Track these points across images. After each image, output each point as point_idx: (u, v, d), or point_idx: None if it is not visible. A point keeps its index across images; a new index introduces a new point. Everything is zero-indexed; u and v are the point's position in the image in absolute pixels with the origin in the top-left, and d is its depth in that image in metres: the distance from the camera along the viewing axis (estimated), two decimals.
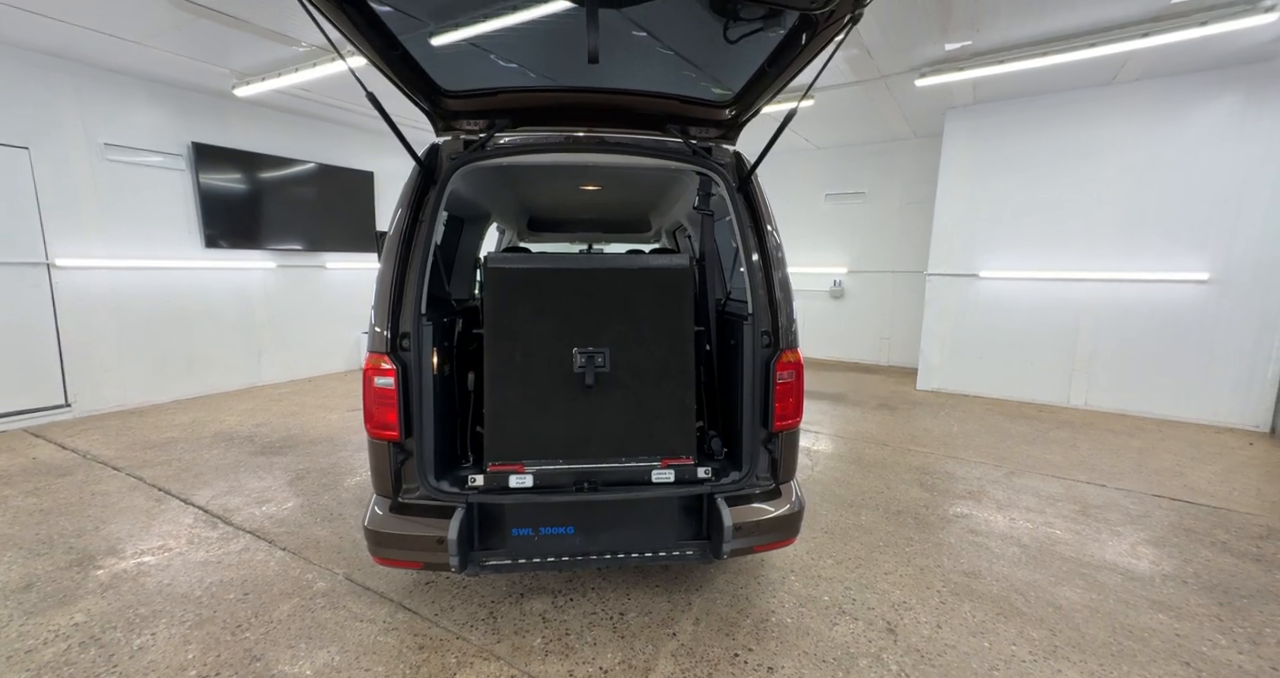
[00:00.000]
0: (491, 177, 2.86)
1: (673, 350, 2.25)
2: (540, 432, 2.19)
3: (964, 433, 4.85)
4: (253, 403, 5.62)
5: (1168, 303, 5.23)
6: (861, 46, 4.39)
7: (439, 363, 2.26)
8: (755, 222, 2.28)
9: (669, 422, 2.25)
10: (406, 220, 2.10)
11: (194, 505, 3.28)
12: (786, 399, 2.22)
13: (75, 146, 4.84)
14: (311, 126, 6.56)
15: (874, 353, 8.15)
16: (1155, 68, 4.82)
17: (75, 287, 4.92)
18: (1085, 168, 5.52)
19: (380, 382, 2.03)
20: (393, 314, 2.06)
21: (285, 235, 6.32)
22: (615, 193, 3.60)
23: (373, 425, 2.06)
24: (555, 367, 2.19)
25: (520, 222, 4.44)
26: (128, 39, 4.25)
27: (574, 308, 2.21)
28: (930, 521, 3.18)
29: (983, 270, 6.12)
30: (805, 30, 1.73)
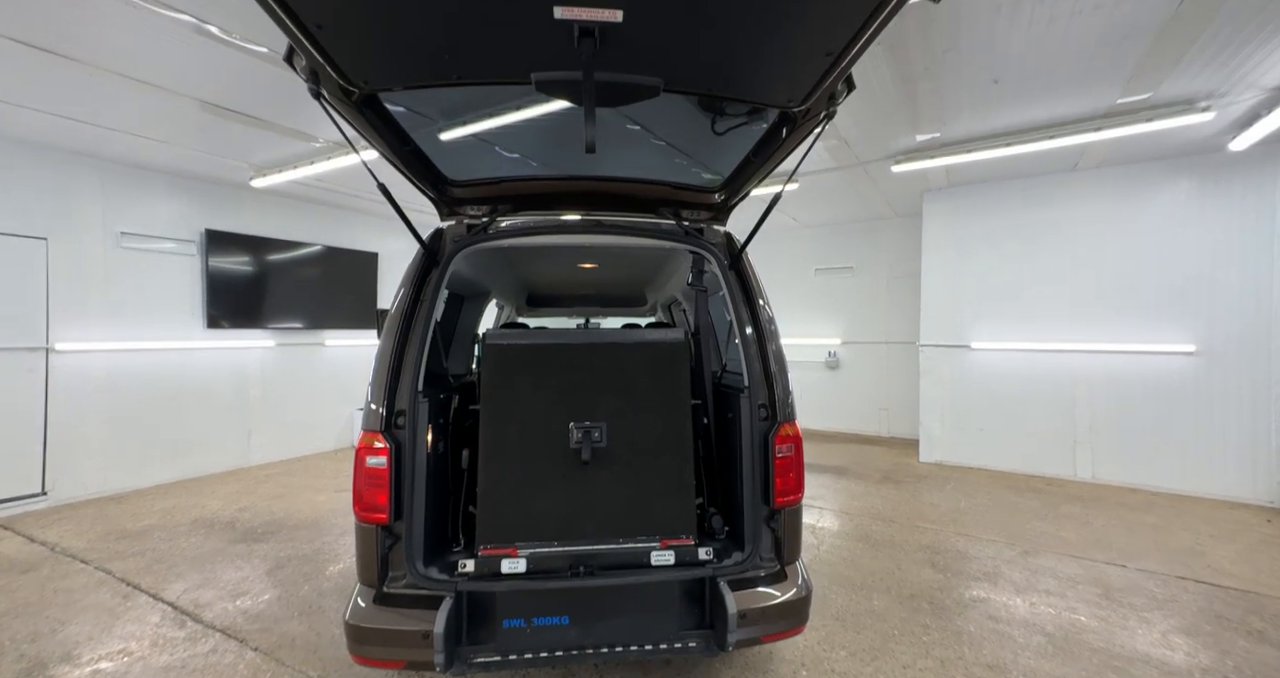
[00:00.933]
0: (492, 257, 2.97)
1: (670, 424, 2.23)
2: (535, 511, 2.12)
3: (972, 508, 4.69)
4: (238, 485, 5.44)
5: (1159, 374, 5.26)
6: (839, 137, 4.74)
7: (433, 441, 2.23)
8: (747, 296, 2.35)
9: (668, 499, 2.18)
10: (408, 300, 2.16)
11: (163, 601, 3.07)
12: (787, 474, 2.17)
13: (92, 236, 5.03)
14: (320, 211, 6.88)
15: (873, 424, 8.06)
16: (1113, 156, 5.20)
17: (71, 370, 4.92)
18: (1060, 245, 5.78)
19: (372, 461, 1.99)
20: (389, 391, 2.06)
21: (286, 314, 6.43)
22: (612, 270, 3.72)
23: (361, 508, 1.99)
24: (551, 442, 2.16)
25: (519, 298, 4.55)
26: (155, 139, 4.56)
27: (571, 382, 2.22)
28: (946, 605, 3.00)
29: (974, 341, 6.22)
30: (785, 125, 1.89)
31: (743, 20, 1.32)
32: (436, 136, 2.13)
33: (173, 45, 3.10)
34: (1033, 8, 2.85)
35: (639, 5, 1.25)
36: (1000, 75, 3.58)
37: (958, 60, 3.40)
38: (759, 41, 1.41)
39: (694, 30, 1.37)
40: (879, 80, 3.67)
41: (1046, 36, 3.11)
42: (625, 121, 2.11)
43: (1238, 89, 3.71)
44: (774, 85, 1.63)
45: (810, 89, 1.62)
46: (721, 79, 1.61)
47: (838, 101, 1.73)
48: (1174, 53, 3.26)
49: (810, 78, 1.57)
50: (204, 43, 3.06)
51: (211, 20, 2.86)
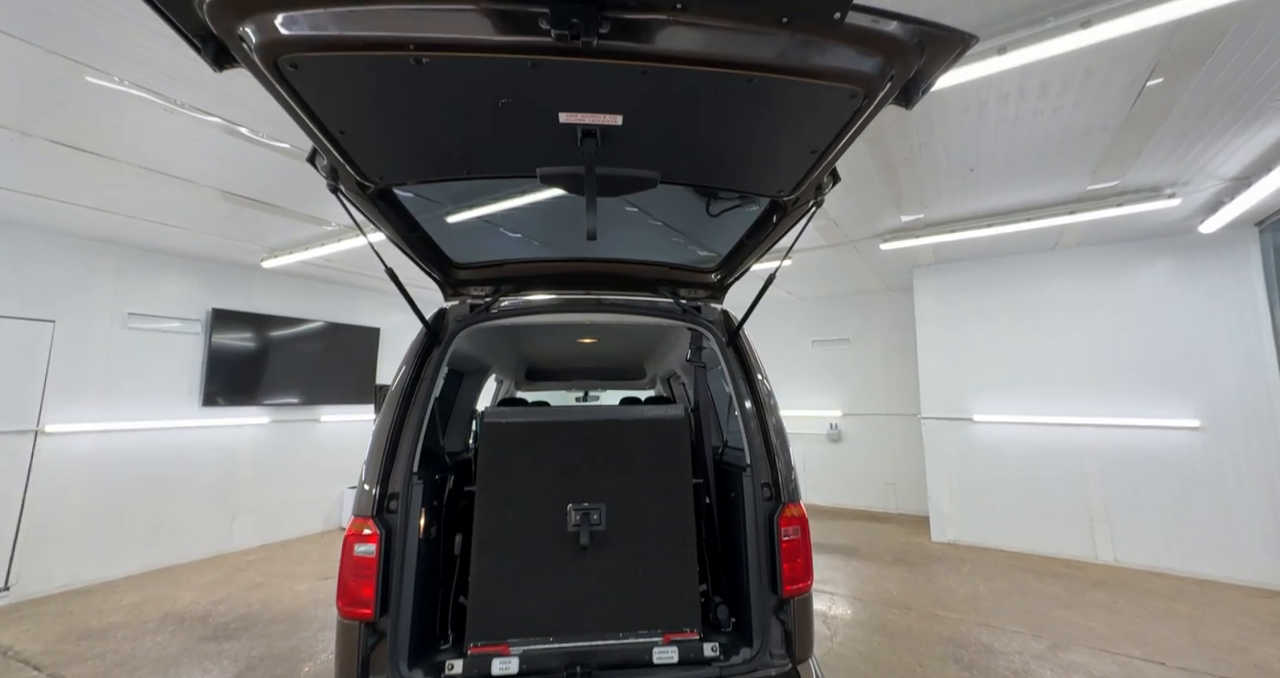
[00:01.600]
0: (493, 334, 3.01)
1: (671, 504, 2.16)
2: (530, 603, 1.99)
3: (992, 594, 4.43)
4: (216, 574, 5.14)
5: (1168, 450, 5.17)
6: (829, 218, 4.98)
7: (425, 525, 2.14)
8: (746, 372, 2.36)
9: (670, 588, 2.06)
10: (408, 378, 2.16)
11: None
12: (794, 559, 2.07)
13: (101, 317, 5.12)
14: (324, 288, 7.04)
15: (880, 499, 7.79)
16: (1090, 237, 5.44)
17: (57, 453, 4.80)
18: (1051, 320, 5.89)
19: (361, 550, 1.90)
20: (384, 473, 2.01)
21: (284, 390, 6.39)
22: (611, 345, 3.76)
23: (346, 602, 1.87)
24: (548, 526, 2.08)
25: (518, 373, 4.56)
26: (174, 225, 4.77)
27: (569, 461, 2.17)
28: None
29: (976, 414, 6.17)
30: (775, 212, 1.99)
31: (733, 123, 1.44)
32: (443, 219, 2.24)
33: (202, 143, 3.33)
34: (998, 108, 3.10)
35: (637, 110, 1.37)
36: (974, 164, 3.84)
37: (933, 152, 3.65)
38: (749, 141, 1.53)
39: (688, 131, 1.48)
40: (862, 168, 3.91)
41: (1014, 132, 3.36)
42: (624, 204, 2.22)
43: (1198, 178, 3.96)
44: (764, 178, 1.74)
45: (798, 182, 1.73)
46: (714, 172, 1.73)
47: (824, 192, 1.84)
48: (1134, 147, 3.51)
49: (797, 172, 1.68)
50: (230, 140, 3.29)
51: (242, 122, 3.09)
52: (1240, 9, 2.30)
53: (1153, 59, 2.65)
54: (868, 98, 1.30)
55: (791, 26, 1.13)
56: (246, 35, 1.10)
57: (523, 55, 1.17)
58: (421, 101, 1.33)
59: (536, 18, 1.08)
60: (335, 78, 1.23)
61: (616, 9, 1.08)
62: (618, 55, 1.18)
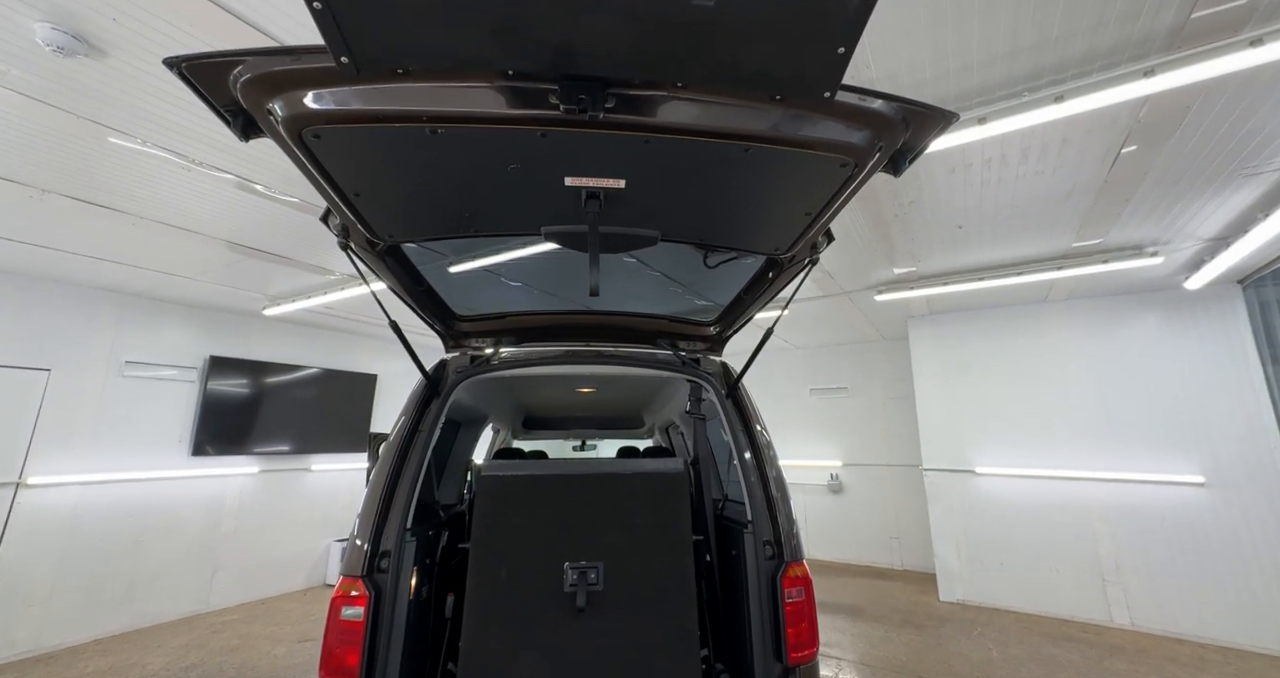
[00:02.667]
0: (493, 385, 3.01)
1: (672, 563, 2.10)
2: (522, 672, 1.90)
3: (1006, 662, 4.22)
4: (190, 636, 4.87)
5: (1176, 507, 5.05)
6: (824, 270, 5.10)
7: (417, 585, 2.07)
8: (745, 424, 2.35)
9: (670, 654, 1.97)
10: (406, 429, 2.14)
11: None
12: (799, 623, 2.00)
13: (97, 366, 5.09)
14: (322, 335, 7.05)
15: (885, 555, 7.55)
16: (1079, 290, 5.56)
17: (36, 507, 4.64)
18: (1047, 371, 5.92)
19: (348, 613, 1.82)
20: (377, 528, 1.96)
21: (275, 438, 6.29)
22: (610, 394, 3.75)
23: (328, 672, 1.78)
24: (544, 586, 2.01)
25: (516, 422, 4.52)
26: (180, 276, 4.84)
27: (567, 517, 2.13)
28: None
29: (978, 466, 6.08)
30: (772, 269, 2.05)
31: (731, 188, 1.51)
32: (446, 271, 2.28)
33: (215, 197, 3.44)
34: (981, 171, 3.25)
35: (639, 175, 1.44)
36: (962, 221, 3.97)
37: (922, 210, 3.79)
38: (746, 205, 1.60)
39: (688, 194, 1.55)
40: (855, 224, 4.05)
41: (998, 193, 3.51)
42: (624, 256, 2.28)
43: (1178, 238, 4.11)
44: (761, 237, 1.80)
45: (793, 241, 1.79)
46: (713, 232, 1.79)
47: (819, 250, 1.90)
48: (1114, 208, 3.66)
49: (793, 232, 1.74)
50: (243, 195, 3.40)
51: (255, 179, 3.21)
52: (1201, 87, 2.46)
53: (1125, 129, 2.81)
54: (858, 166, 1.37)
55: (785, 103, 1.21)
56: (275, 110, 1.17)
57: (533, 126, 1.24)
58: (434, 167, 1.40)
59: (547, 94, 1.16)
60: (354, 146, 1.29)
61: (621, 86, 1.16)
62: (622, 127, 1.25)
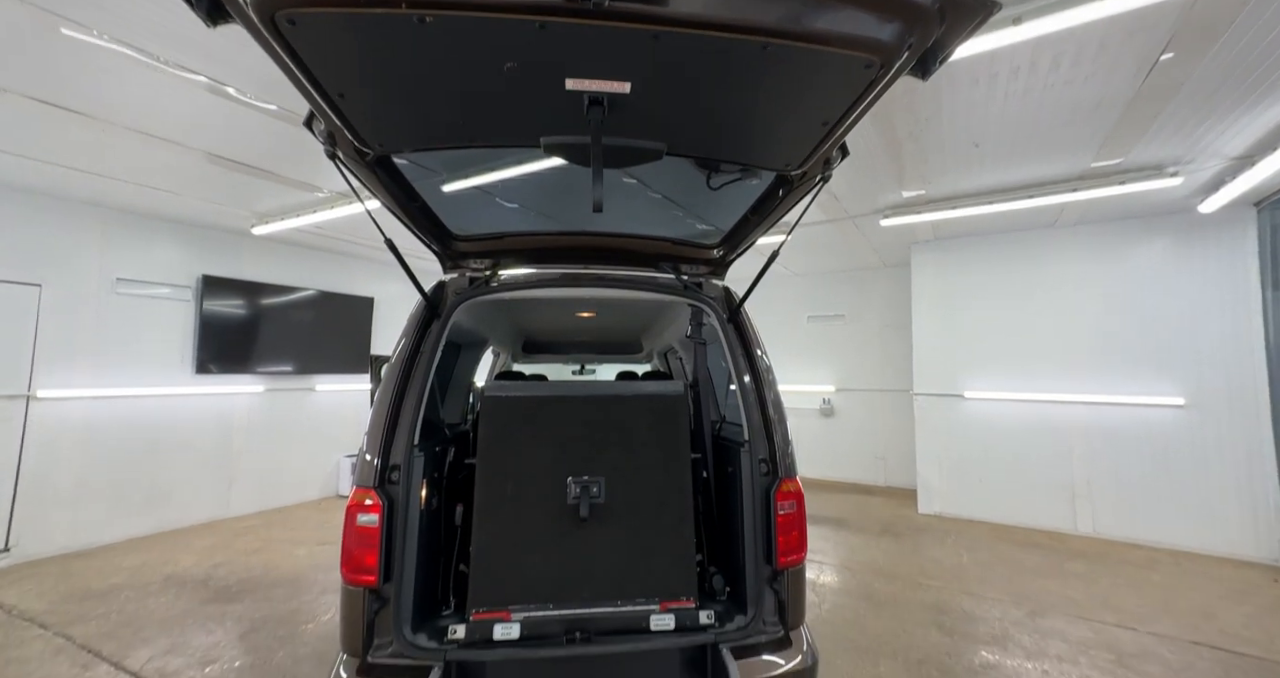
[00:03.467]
0: (492, 308, 2.99)
1: (670, 479, 2.20)
2: (530, 572, 2.04)
3: (975, 565, 4.57)
4: (214, 539, 5.20)
5: (1152, 427, 5.28)
6: (830, 193, 4.92)
7: (426, 496, 2.17)
8: (746, 349, 2.36)
9: (668, 558, 2.11)
10: (408, 351, 2.15)
11: (126, 671, 2.87)
12: (790, 532, 2.12)
13: (88, 282, 5.02)
14: (317, 256, 6.93)
15: (870, 473, 7.96)
16: (1089, 215, 5.42)
17: (50, 418, 4.78)
18: (1047, 298, 5.92)
19: (364, 519, 1.92)
20: (385, 445, 2.02)
21: (277, 359, 6.36)
22: (610, 319, 3.75)
23: (349, 569, 1.90)
24: (548, 498, 2.11)
25: (516, 346, 4.55)
26: (161, 189, 4.64)
27: (569, 436, 2.19)
28: (956, 672, 2.87)
29: (967, 391, 6.25)
30: (781, 187, 1.96)
31: (744, 93, 1.40)
32: (440, 188, 2.19)
33: (186, 103, 3.21)
34: (1008, 82, 3.04)
35: (645, 78, 1.32)
36: (979, 140, 3.78)
37: (939, 126, 3.59)
38: (759, 112, 1.49)
39: (697, 101, 1.44)
40: (866, 143, 3.85)
41: (1023, 106, 3.30)
42: (623, 176, 2.18)
43: (1202, 157, 3.93)
44: (772, 151, 1.71)
45: (807, 155, 1.70)
46: (722, 145, 1.69)
47: (832, 166, 1.81)
48: (1141, 124, 3.47)
49: (807, 145, 1.64)
50: (216, 100, 3.18)
51: (228, 82, 2.97)
52: None
53: (1168, 32, 2.59)
54: (884, 67, 1.26)
55: None
56: None
57: (530, 16, 1.12)
58: (424, 64, 1.28)
59: None
60: (335, 36, 1.17)
61: None
62: (628, 18, 1.13)
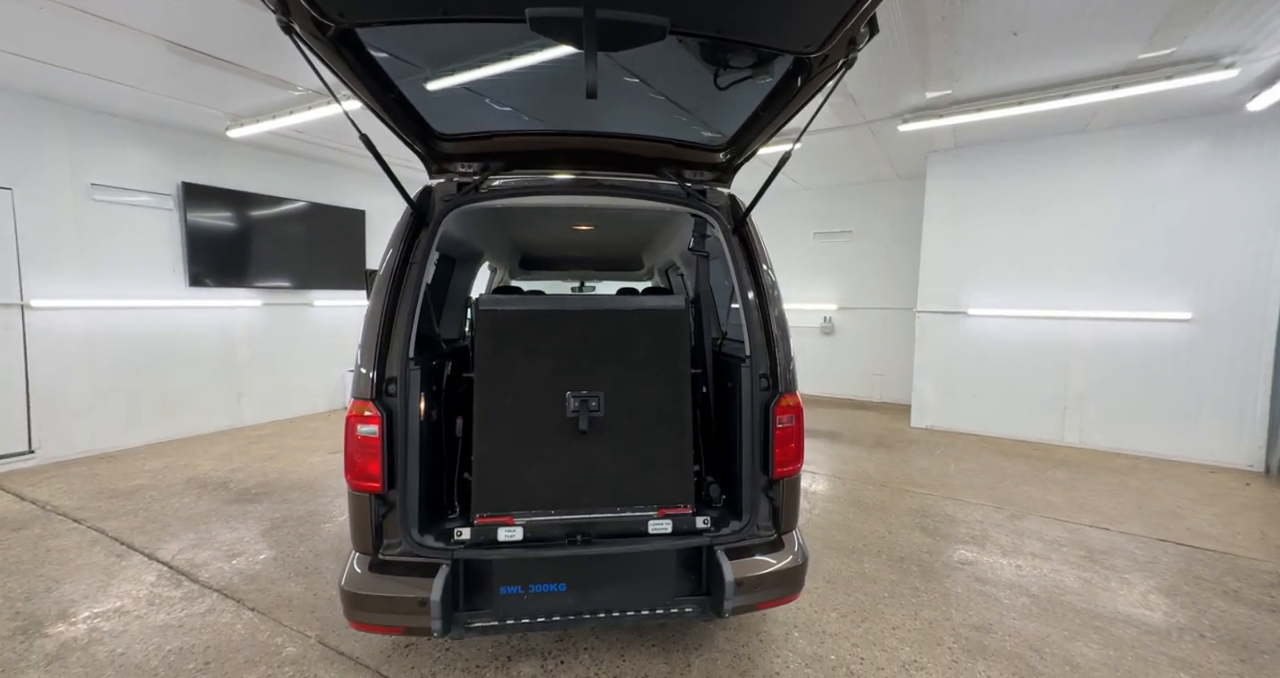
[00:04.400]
0: (485, 218, 2.84)
1: (669, 393, 2.19)
2: (531, 480, 2.09)
3: (961, 473, 4.77)
4: (230, 446, 5.41)
5: (1153, 342, 5.27)
6: (846, 94, 4.54)
7: (426, 408, 2.17)
8: (751, 262, 2.26)
9: (666, 468, 2.16)
10: (397, 261, 2.06)
11: (158, 561, 3.07)
12: (787, 444, 2.15)
13: (61, 187, 4.79)
14: (304, 166, 6.59)
15: (866, 389, 8.12)
16: (1125, 117, 5.03)
17: (49, 328, 4.77)
18: (1065, 210, 5.67)
19: (364, 430, 1.94)
20: (379, 358, 1.99)
21: (272, 273, 6.25)
22: (609, 232, 3.60)
23: (354, 477, 1.95)
24: (548, 411, 2.11)
25: (512, 260, 4.43)
26: (122, 83, 4.27)
27: (568, 350, 2.16)
28: (935, 568, 3.06)
29: (971, 308, 6.19)
30: (800, 74, 1.75)
31: None
32: (423, 86, 1.98)
33: None
34: None
35: None
36: (1020, 27, 3.39)
37: (976, 9, 3.20)
38: None
39: None
40: (892, 33, 3.47)
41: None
42: (623, 73, 1.96)
43: (1265, 44, 3.55)
44: (791, 28, 1.50)
45: (830, 32, 1.49)
46: (734, 21, 1.48)
47: (859, 47, 1.60)
48: (1203, 7, 3.08)
49: (831, 19, 1.44)
50: None
51: None
52: None
53: None
54: None
55: None
56: None
57: None
58: None
59: None
60: None
61: None
62: None
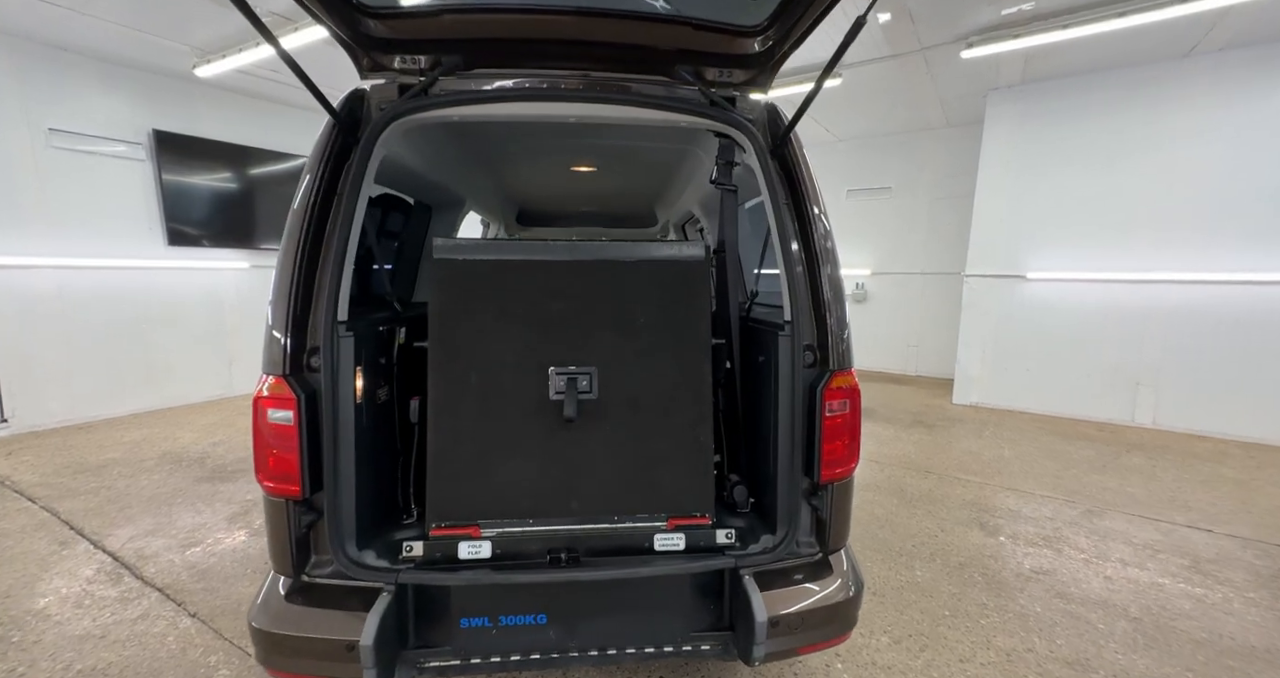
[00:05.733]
0: (449, 144, 2.28)
1: (684, 370, 1.67)
2: (503, 481, 1.61)
3: (1019, 458, 4.19)
4: (217, 416, 5.09)
5: (1248, 308, 4.53)
6: (903, 8, 3.79)
7: (366, 386, 1.68)
8: (795, 198, 1.68)
9: (678, 466, 1.66)
10: (316, 192, 1.53)
11: (104, 551, 2.72)
12: (839, 438, 1.62)
13: (14, 131, 4.33)
14: (288, 115, 6.04)
15: (900, 362, 7.49)
16: (1245, 35, 4.17)
17: (16, 288, 4.41)
18: (1152, 156, 4.86)
19: (276, 416, 1.46)
20: (294, 321, 1.49)
21: (260, 233, 5.80)
22: (614, 176, 3.03)
23: (266, 477, 1.48)
24: (525, 393, 1.61)
25: (506, 213, 3.88)
26: (56, 4, 3.73)
27: (552, 313, 1.64)
28: (1004, 578, 2.54)
29: (1030, 271, 5.47)
30: None
31: None
32: None
33: None
34: None
35: None
36: None
37: None
38: None
39: None
40: None
41: None
42: None
43: None
44: None
45: None
46: None
47: None
48: None
49: None
50: None
51: None
52: None
53: None
54: None
55: None
56: None
57: None
58: None
59: None
60: None
61: None
62: None
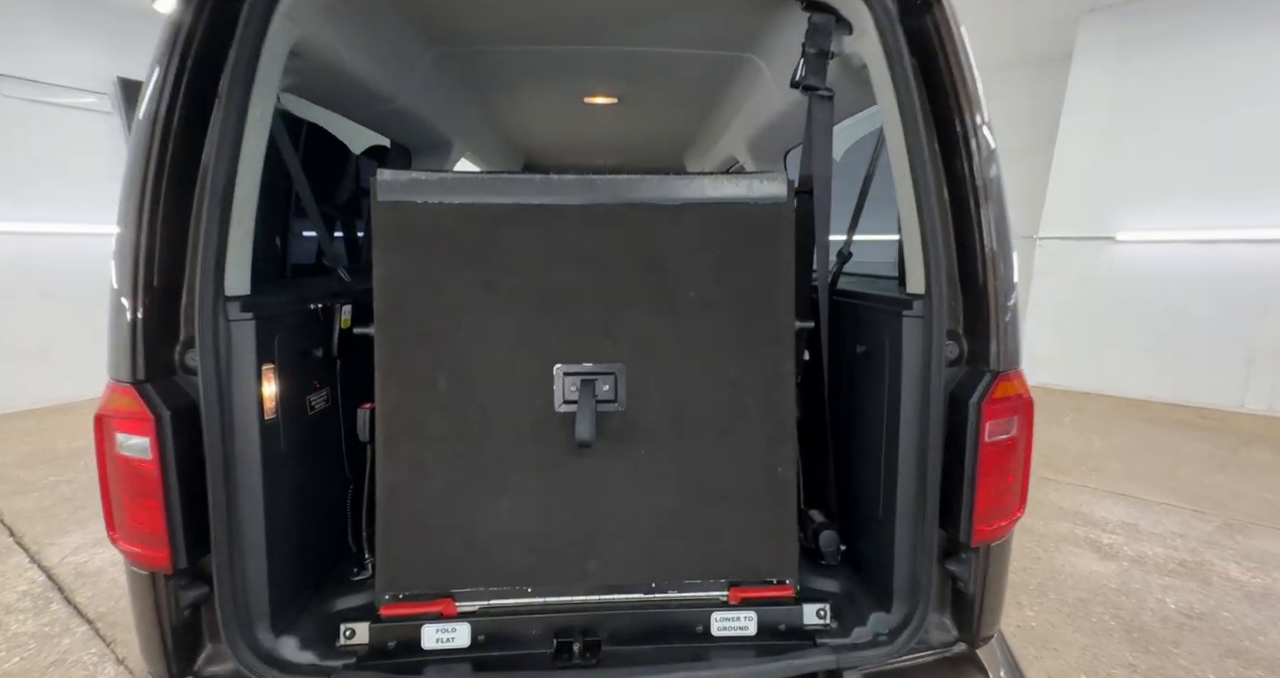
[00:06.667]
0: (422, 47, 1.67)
1: (755, 368, 1.11)
2: (487, 534, 1.09)
3: (1114, 452, 3.57)
4: None
5: None
6: None
7: (288, 392, 1.14)
8: (939, 99, 1.04)
9: (744, 511, 1.12)
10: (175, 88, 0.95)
11: (39, 565, 2.30)
12: (1003, 475, 1.06)
13: None
14: None
15: None
16: None
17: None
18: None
19: (128, 444, 0.94)
20: (149, 297, 0.96)
21: None
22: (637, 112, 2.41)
23: (121, 536, 0.97)
24: (518, 404, 1.08)
25: (509, 161, 3.27)
26: None
27: (559, 285, 1.08)
28: (1146, 624, 1.97)
29: (1121, 231, 4.70)
30: None
31: None
32: None
33: None
34: None
35: None
36: None
37: None
38: None
39: None
40: None
41: None
42: None
43: None
44: None
45: None
46: None
47: None
48: None
49: None
50: None
51: None
52: None
53: None
54: None
55: None
56: None
57: None
58: None
59: None
60: None
61: None
62: None
